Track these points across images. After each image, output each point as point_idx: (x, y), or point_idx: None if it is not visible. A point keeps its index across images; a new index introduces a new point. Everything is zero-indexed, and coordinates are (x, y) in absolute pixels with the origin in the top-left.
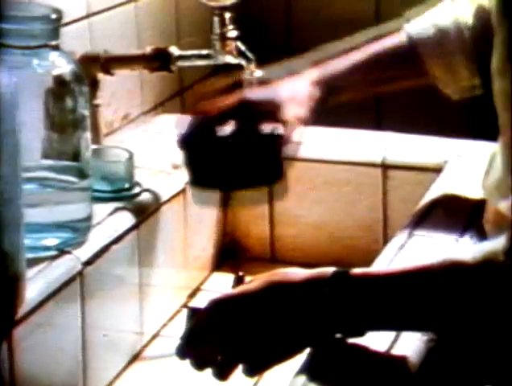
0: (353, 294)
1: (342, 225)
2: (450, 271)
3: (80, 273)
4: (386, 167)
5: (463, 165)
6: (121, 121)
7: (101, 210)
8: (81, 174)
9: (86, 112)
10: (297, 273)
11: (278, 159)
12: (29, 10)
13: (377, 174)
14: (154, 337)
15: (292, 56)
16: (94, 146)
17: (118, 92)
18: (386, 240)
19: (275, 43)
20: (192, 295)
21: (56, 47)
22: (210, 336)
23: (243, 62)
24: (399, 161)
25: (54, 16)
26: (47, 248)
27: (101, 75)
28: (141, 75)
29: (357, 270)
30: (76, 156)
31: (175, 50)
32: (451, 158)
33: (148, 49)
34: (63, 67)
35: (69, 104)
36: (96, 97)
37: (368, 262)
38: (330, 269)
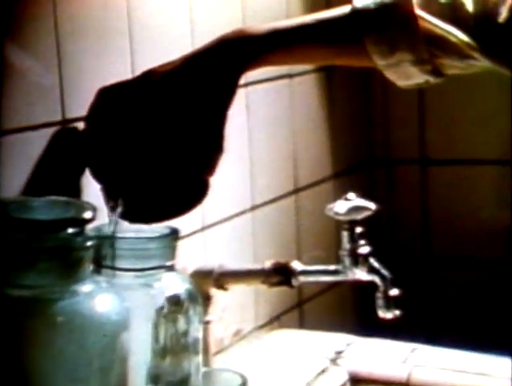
0: None
1: None
2: None
3: None
4: None
5: None
6: (232, 338)
7: None
8: None
9: (199, 335)
10: None
11: None
12: (144, 231)
13: None
14: None
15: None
16: (203, 368)
17: (230, 305)
18: None
19: (412, 252)
20: None
21: (171, 268)
22: None
23: (377, 279)
24: None
25: (171, 236)
26: None
27: (214, 291)
28: (255, 288)
29: None
30: (184, 382)
31: (297, 265)
32: None
33: (268, 264)
34: (177, 287)
35: (182, 326)
36: (207, 313)
37: None
38: None
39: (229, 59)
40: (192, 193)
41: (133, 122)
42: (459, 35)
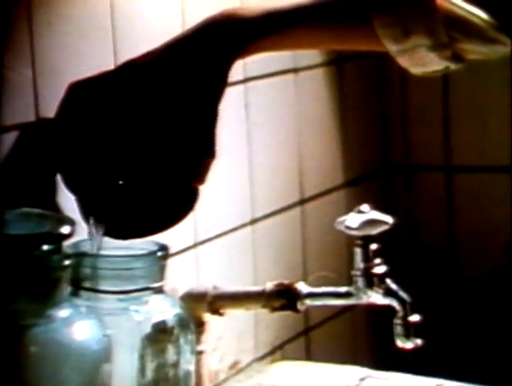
0: None
1: None
2: None
3: None
4: None
5: None
6: (228, 371)
7: None
8: None
9: (191, 367)
10: None
11: None
12: (128, 248)
13: None
14: None
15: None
16: None
17: (226, 333)
18: None
19: (436, 273)
20: None
21: (159, 290)
22: None
23: (395, 303)
24: None
25: (159, 254)
26: None
27: (207, 316)
28: (255, 313)
29: None
30: None
31: (303, 286)
32: None
33: (269, 285)
34: (165, 312)
35: (171, 357)
36: (199, 342)
37: None
38: None
39: (217, 46)
40: (179, 203)
41: (110, 122)
42: (482, 16)
